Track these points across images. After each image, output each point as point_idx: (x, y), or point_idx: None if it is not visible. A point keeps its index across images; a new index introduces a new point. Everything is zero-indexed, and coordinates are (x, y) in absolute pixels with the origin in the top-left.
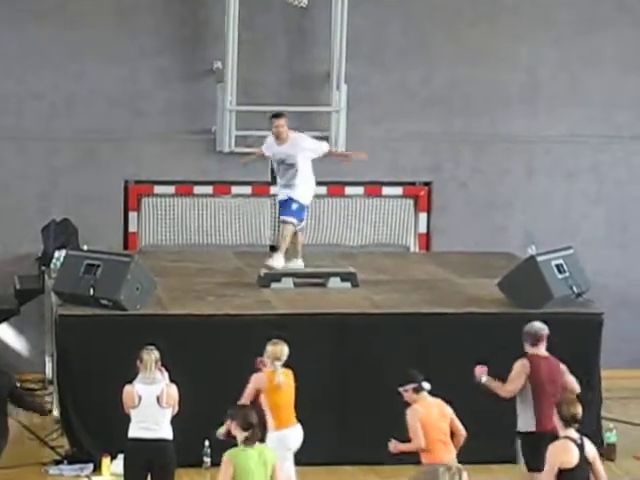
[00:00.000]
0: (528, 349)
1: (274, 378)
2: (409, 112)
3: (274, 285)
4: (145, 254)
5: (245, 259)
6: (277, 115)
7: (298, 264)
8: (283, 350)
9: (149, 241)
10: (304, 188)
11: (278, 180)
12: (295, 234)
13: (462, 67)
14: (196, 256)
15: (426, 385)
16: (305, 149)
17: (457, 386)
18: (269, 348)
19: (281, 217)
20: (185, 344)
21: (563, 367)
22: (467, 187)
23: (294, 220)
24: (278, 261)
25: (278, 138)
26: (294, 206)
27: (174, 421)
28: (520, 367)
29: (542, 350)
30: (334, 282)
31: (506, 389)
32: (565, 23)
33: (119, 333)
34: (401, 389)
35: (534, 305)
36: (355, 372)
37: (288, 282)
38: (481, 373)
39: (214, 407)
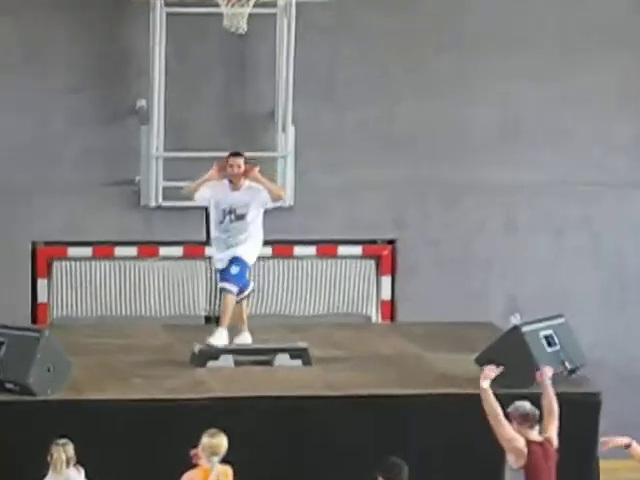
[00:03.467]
0: None
1: (210, 476)
2: (368, 157)
3: (211, 364)
4: (57, 328)
5: (176, 333)
6: (235, 154)
7: (245, 338)
8: (221, 443)
9: (62, 313)
10: (252, 246)
11: (217, 235)
12: (239, 302)
13: (428, 103)
14: (118, 330)
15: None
16: (263, 199)
17: (428, 478)
18: (205, 440)
19: (220, 284)
20: (106, 436)
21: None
22: (438, 245)
23: (234, 288)
24: (220, 338)
25: (232, 182)
26: (234, 270)
27: None
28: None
29: (535, 434)
30: (282, 359)
31: (504, 432)
32: (546, 51)
33: (27, 422)
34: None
35: (519, 384)
36: (308, 467)
37: (228, 360)
38: (487, 376)
39: None
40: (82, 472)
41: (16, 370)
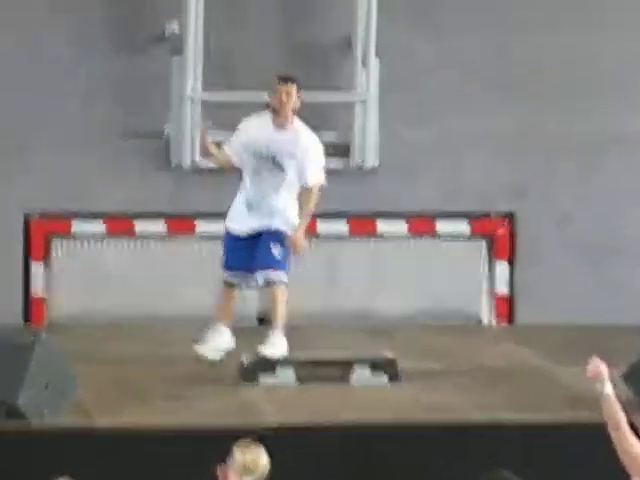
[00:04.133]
0: None
1: None
2: (476, 103)
3: (265, 380)
4: (58, 330)
5: None
6: (286, 79)
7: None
8: (258, 460)
9: (64, 309)
10: (292, 212)
11: (251, 194)
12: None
13: (562, 32)
14: (139, 334)
15: None
16: (307, 157)
17: None
18: (236, 456)
19: (261, 273)
20: (121, 474)
21: None
22: (572, 221)
23: (285, 276)
24: (278, 345)
25: (279, 114)
26: (276, 250)
27: None
28: None
29: None
30: (361, 374)
31: (628, 448)
32: None
33: (17, 456)
34: None
35: None
36: None
37: (287, 375)
38: (601, 377)
39: None
40: None
41: (2, 387)
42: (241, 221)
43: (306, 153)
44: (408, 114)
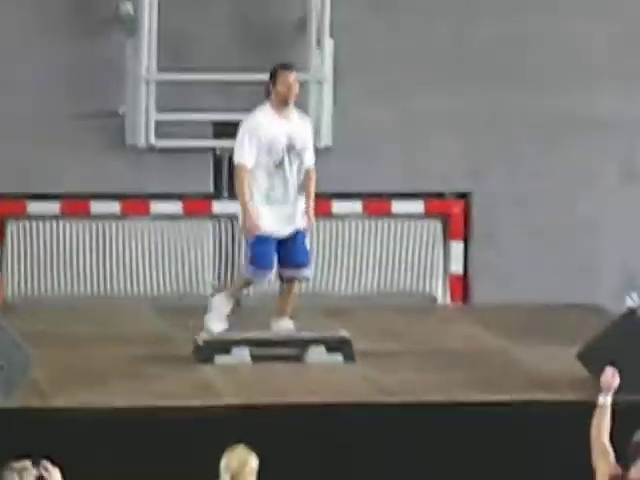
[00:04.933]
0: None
1: None
2: (432, 82)
3: (220, 359)
4: (12, 311)
5: (173, 318)
6: (292, 67)
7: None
8: (246, 462)
9: (18, 290)
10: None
11: (271, 190)
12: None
13: (517, 14)
14: (95, 314)
15: None
16: (310, 140)
17: None
18: (223, 460)
19: (296, 271)
20: (76, 456)
21: None
22: (527, 201)
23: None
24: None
25: (286, 103)
26: (307, 247)
27: None
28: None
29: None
30: (316, 353)
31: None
32: None
33: None
34: None
35: (637, 387)
36: None
37: (243, 354)
38: (609, 386)
39: None
40: None
41: None
42: (272, 222)
43: (310, 136)
44: (363, 95)
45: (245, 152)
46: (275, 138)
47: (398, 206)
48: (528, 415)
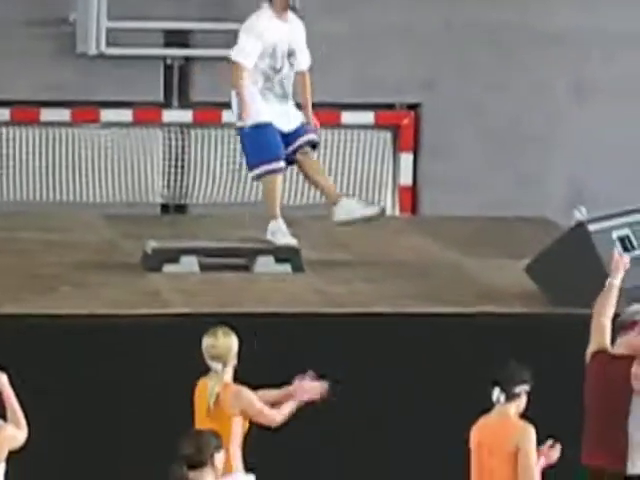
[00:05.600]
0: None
1: (205, 390)
2: None
3: (168, 268)
4: None
5: (122, 226)
6: None
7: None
8: (219, 343)
9: None
10: None
11: (269, 95)
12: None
13: None
14: (43, 221)
15: None
16: (304, 42)
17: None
18: (203, 342)
19: (304, 138)
20: (25, 364)
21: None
22: (479, 112)
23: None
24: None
25: (284, 5)
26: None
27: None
28: None
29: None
30: (264, 263)
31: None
32: None
33: None
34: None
35: (584, 300)
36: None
37: (190, 263)
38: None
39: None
40: None
41: None
42: (271, 115)
43: (304, 37)
44: (314, 6)
45: (247, 53)
46: (277, 44)
47: (348, 117)
48: (476, 327)
